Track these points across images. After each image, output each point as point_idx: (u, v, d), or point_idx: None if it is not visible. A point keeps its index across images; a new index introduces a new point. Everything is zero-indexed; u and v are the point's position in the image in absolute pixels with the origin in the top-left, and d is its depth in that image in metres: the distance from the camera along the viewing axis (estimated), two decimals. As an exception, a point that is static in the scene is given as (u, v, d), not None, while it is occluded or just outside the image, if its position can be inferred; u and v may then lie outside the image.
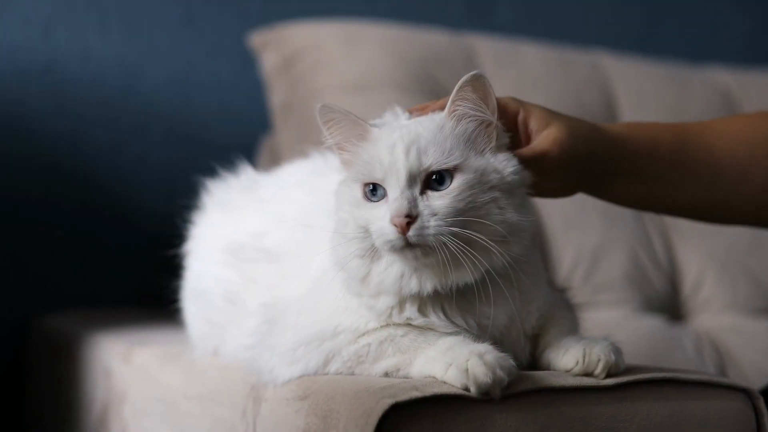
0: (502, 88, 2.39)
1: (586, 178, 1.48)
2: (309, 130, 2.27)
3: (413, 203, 1.28)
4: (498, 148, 1.34)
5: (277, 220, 1.54)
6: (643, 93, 2.58)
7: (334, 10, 2.62)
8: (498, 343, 1.32)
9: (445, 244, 1.26)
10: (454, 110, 1.34)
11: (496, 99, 1.39)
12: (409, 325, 1.33)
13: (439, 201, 1.28)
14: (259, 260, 1.53)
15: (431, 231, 1.27)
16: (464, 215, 1.28)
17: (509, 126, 1.42)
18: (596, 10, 3.07)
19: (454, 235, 1.26)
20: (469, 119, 1.33)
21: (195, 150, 2.61)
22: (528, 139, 1.44)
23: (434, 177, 1.30)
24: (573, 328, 1.42)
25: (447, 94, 2.36)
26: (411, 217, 1.27)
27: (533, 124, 1.44)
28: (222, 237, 1.61)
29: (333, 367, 1.33)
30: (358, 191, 1.34)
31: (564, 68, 2.53)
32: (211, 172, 1.72)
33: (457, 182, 1.29)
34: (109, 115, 2.58)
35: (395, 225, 1.27)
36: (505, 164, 1.33)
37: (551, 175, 1.42)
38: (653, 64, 2.71)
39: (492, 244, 1.27)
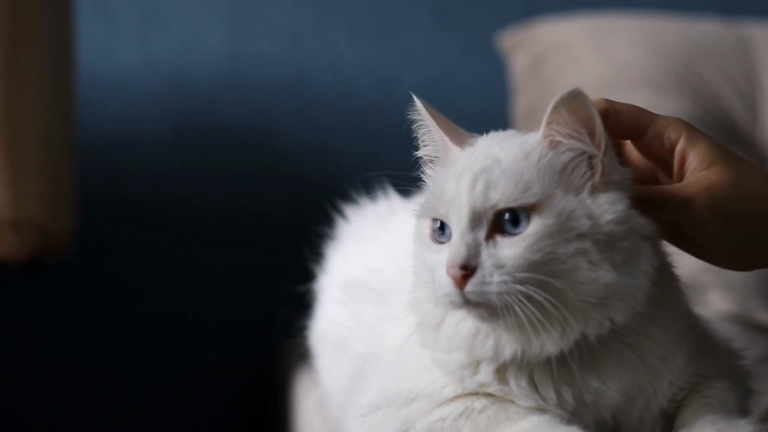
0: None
1: (761, 247, 1.11)
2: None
3: (473, 251, 1.01)
4: (604, 186, 1.04)
5: (396, 254, 1.29)
6: None
7: (597, 2, 2.35)
8: (608, 425, 1.06)
9: (511, 305, 1.00)
10: (548, 134, 1.05)
11: (659, 119, 1.10)
12: (489, 395, 1.08)
13: (507, 249, 1.01)
14: (368, 300, 1.30)
15: (494, 288, 1.00)
16: (539, 270, 1.00)
17: (666, 154, 1.12)
18: None
19: (525, 296, 0.99)
20: (565, 149, 1.05)
21: (452, 160, 2.44)
22: (681, 176, 1.12)
23: (507, 217, 1.02)
24: (726, 403, 1.10)
25: (712, 93, 2.07)
26: (468, 269, 1.01)
27: (692, 160, 1.11)
28: (344, 273, 1.41)
29: (408, 440, 1.10)
30: (426, 228, 1.09)
31: None
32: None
33: (533, 227, 1.01)
34: (361, 126, 2.45)
35: (450, 276, 1.02)
36: (605, 208, 1.02)
37: (697, 231, 1.09)
38: None
39: (568, 314, 1.00)
